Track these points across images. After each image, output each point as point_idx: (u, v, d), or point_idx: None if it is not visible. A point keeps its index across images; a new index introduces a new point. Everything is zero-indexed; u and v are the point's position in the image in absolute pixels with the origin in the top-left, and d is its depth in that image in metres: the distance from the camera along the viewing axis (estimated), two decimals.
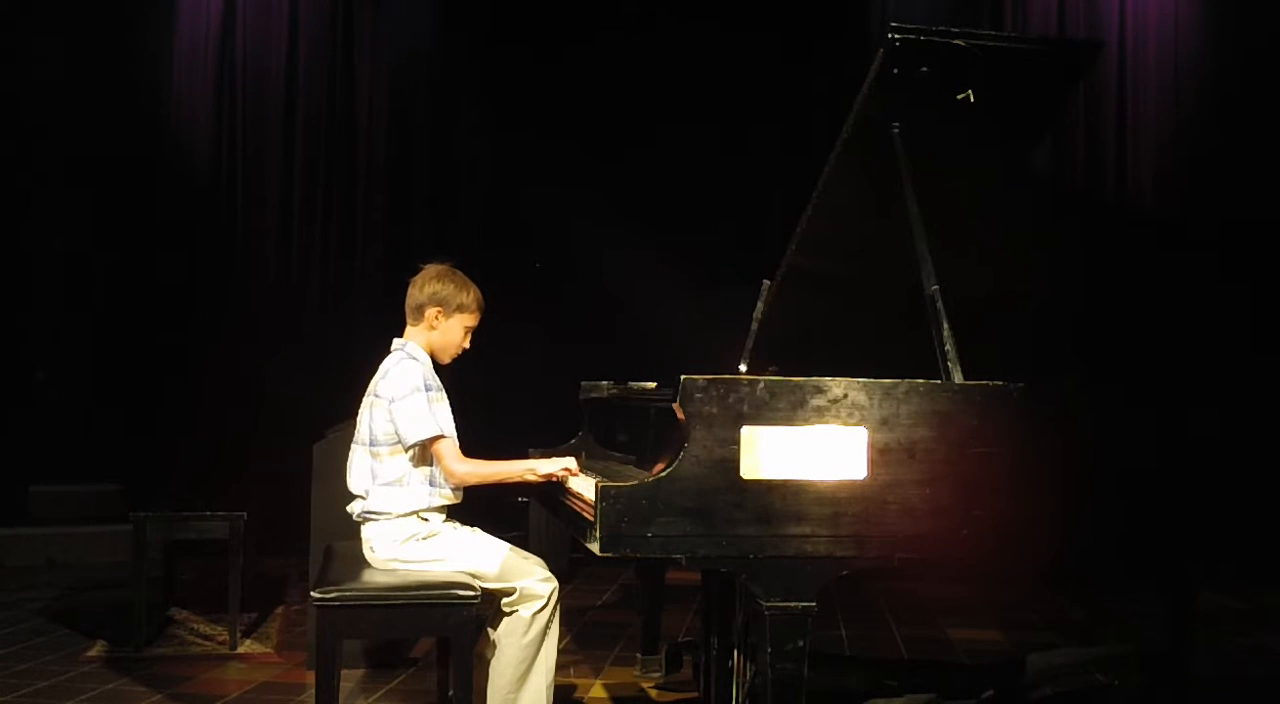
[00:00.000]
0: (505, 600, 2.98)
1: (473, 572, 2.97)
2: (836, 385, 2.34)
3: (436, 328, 3.13)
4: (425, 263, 3.19)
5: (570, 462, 3.02)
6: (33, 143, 6.90)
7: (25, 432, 6.77)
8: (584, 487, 2.83)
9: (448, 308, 3.12)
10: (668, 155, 6.98)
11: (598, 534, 2.26)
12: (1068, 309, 3.19)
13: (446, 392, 3.13)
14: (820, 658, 3.16)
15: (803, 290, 3.20)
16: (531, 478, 3.03)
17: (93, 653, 4.31)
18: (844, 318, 3.20)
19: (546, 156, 7.13)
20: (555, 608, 3.00)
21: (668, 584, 4.09)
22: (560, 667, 3.10)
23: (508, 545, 3.07)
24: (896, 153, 2.74)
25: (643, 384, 3.71)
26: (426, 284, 3.13)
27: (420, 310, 3.13)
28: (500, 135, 7.37)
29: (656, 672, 3.99)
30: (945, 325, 2.57)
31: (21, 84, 6.83)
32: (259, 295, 7.12)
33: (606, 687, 3.98)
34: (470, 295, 3.14)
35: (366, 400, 3.10)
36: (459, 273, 3.17)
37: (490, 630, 3.02)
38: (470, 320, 3.16)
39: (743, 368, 3.35)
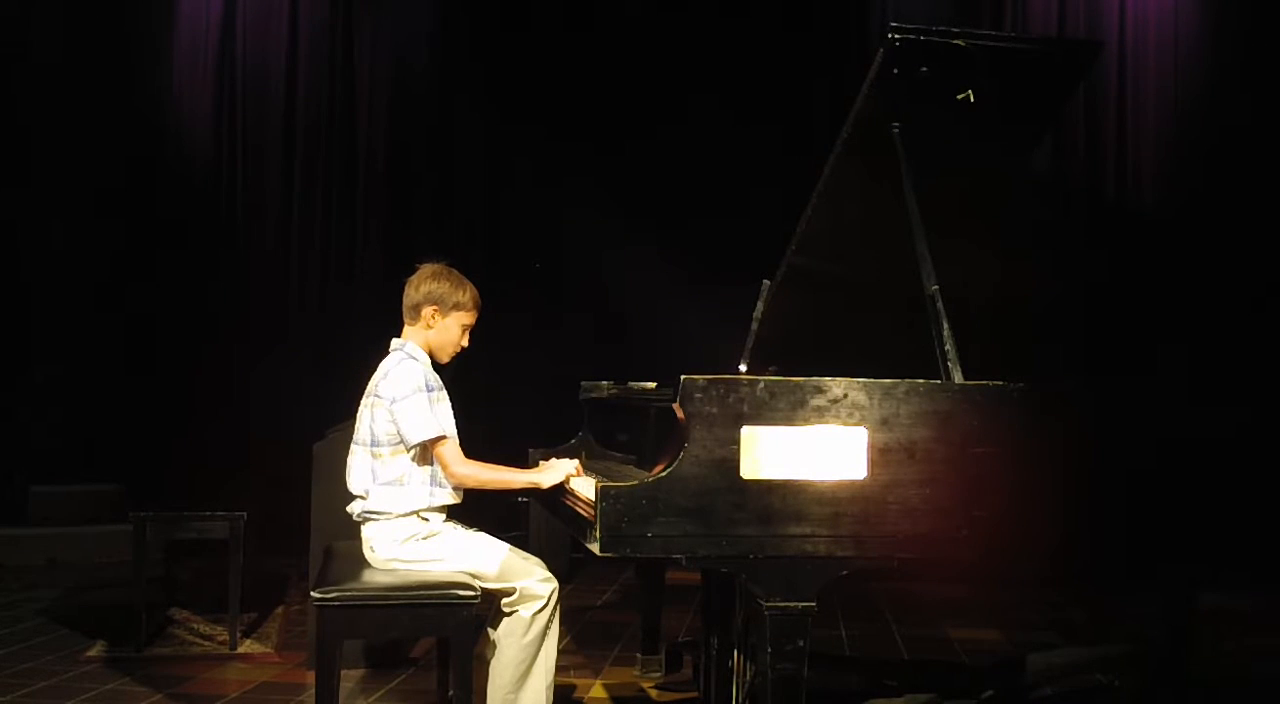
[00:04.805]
0: (505, 601, 2.98)
1: (473, 572, 2.97)
2: (836, 385, 2.34)
3: (434, 327, 3.13)
4: (421, 262, 3.20)
5: (571, 467, 3.02)
6: (32, 142, 6.90)
7: (25, 432, 6.78)
8: (584, 487, 2.83)
9: (444, 306, 3.12)
10: (667, 155, 6.97)
11: (598, 534, 2.26)
12: (1068, 308, 3.20)
13: (447, 391, 3.13)
14: (820, 658, 3.16)
15: (803, 290, 3.20)
16: (534, 488, 3.03)
17: (93, 653, 4.31)
18: (844, 318, 3.20)
19: (545, 157, 7.13)
20: (555, 608, 3.00)
21: (668, 584, 4.09)
22: (560, 667, 3.10)
23: (507, 546, 3.07)
24: (896, 152, 2.74)
25: (643, 384, 3.71)
26: (422, 283, 3.13)
27: (417, 310, 3.13)
28: (500, 135, 7.37)
29: (656, 672, 3.99)
30: (945, 325, 2.57)
31: (21, 83, 6.83)
32: (259, 295, 7.13)
33: (606, 687, 3.97)
34: (466, 293, 3.14)
35: (366, 400, 3.10)
36: (454, 271, 3.17)
37: (490, 630, 3.02)
38: (467, 318, 3.16)
39: (743, 368, 3.35)
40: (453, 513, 3.15)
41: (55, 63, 6.86)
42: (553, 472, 3.01)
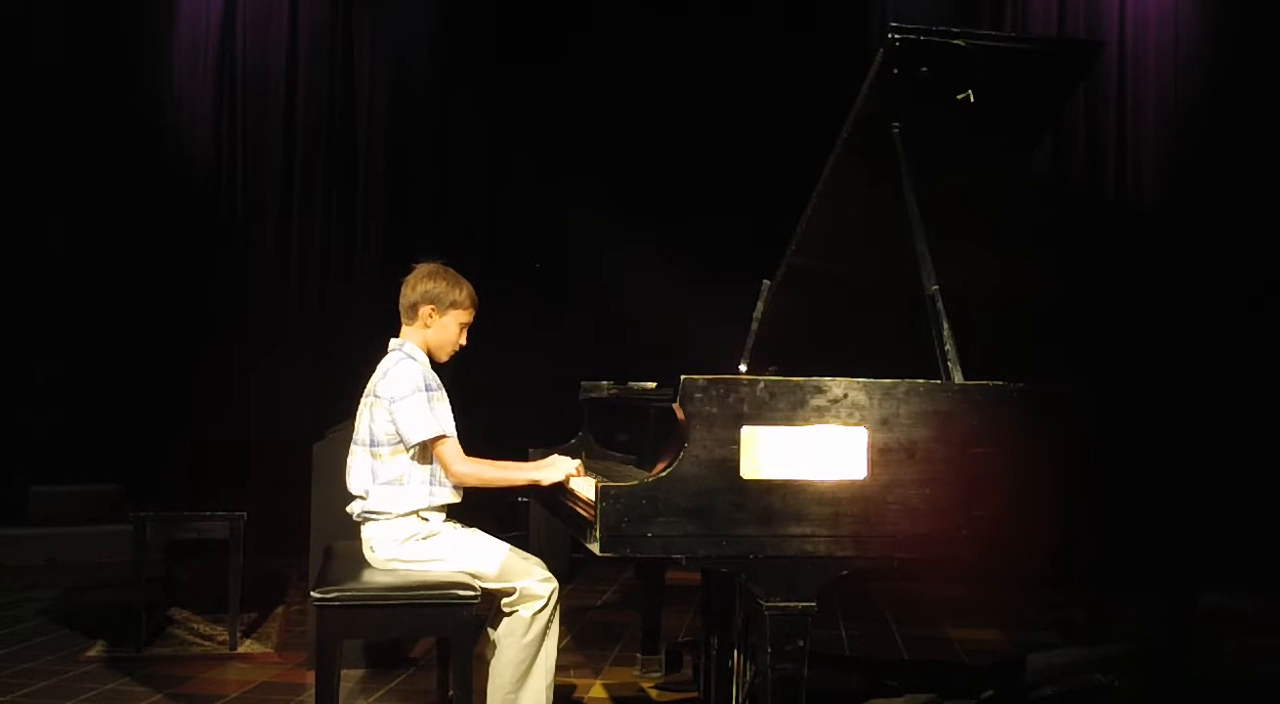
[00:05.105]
0: (505, 600, 2.98)
1: (473, 572, 2.97)
2: (836, 385, 2.34)
3: (431, 326, 3.13)
4: (417, 262, 3.20)
5: (573, 465, 3.03)
6: (32, 142, 6.91)
7: (25, 432, 6.77)
8: (584, 487, 2.83)
9: (441, 305, 3.12)
10: (668, 155, 6.97)
11: (598, 534, 2.26)
12: (1068, 308, 3.20)
13: (446, 391, 3.13)
14: (820, 658, 3.16)
15: (803, 290, 3.20)
16: (535, 485, 3.04)
17: (93, 653, 4.31)
18: (844, 318, 3.20)
19: (545, 156, 7.14)
20: (555, 608, 3.00)
21: (668, 584, 4.09)
22: (560, 667, 3.10)
23: (507, 545, 3.07)
24: (896, 152, 2.74)
25: (643, 384, 3.71)
26: (419, 283, 3.13)
27: (414, 309, 3.13)
28: (500, 135, 7.37)
29: (656, 672, 3.99)
30: (945, 325, 2.57)
31: (21, 83, 6.83)
32: (258, 295, 7.13)
33: (606, 687, 3.97)
34: (463, 292, 3.14)
35: (365, 401, 3.10)
36: (451, 270, 3.17)
37: (490, 630, 3.02)
38: (464, 317, 3.16)
39: (743, 368, 3.35)
40: (452, 512, 3.15)
41: (55, 63, 6.86)
42: (554, 469, 3.02)
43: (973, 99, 2.71)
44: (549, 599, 2.98)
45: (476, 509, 3.24)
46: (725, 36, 7.07)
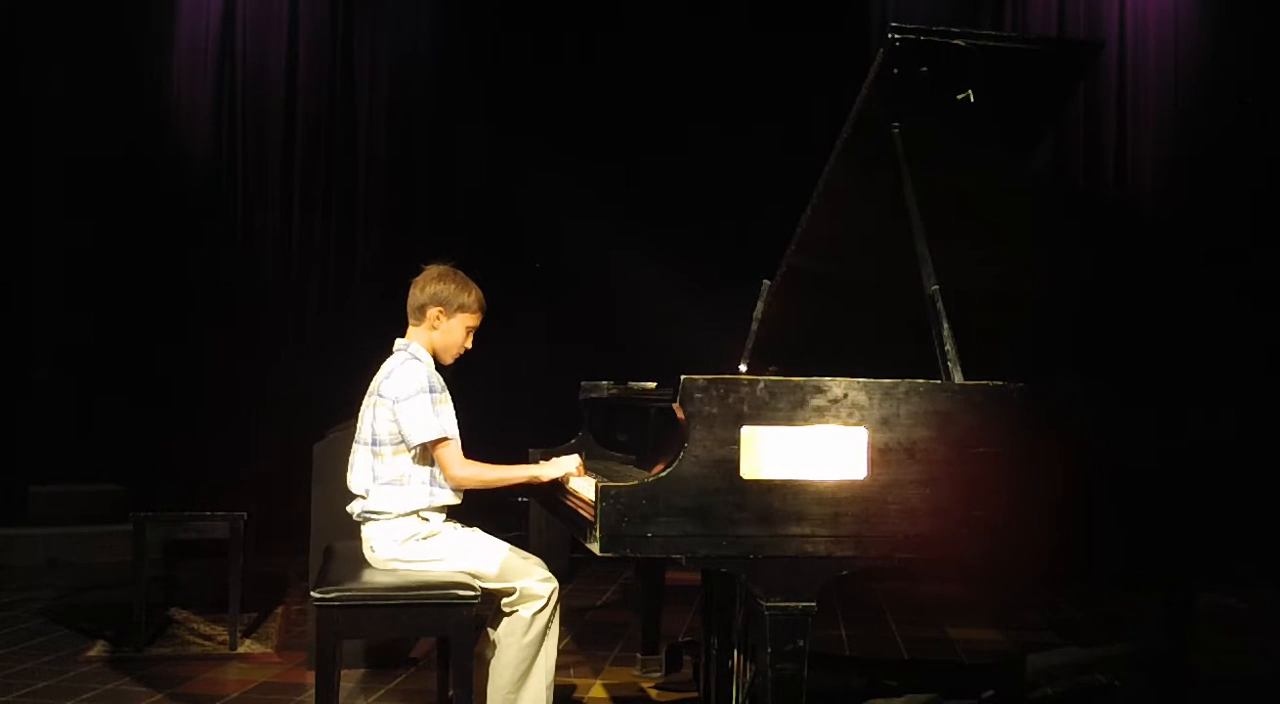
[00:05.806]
0: (505, 600, 2.98)
1: (473, 572, 2.97)
2: (836, 385, 2.34)
3: (438, 328, 3.14)
4: (426, 264, 3.20)
5: (573, 464, 3.03)
6: (33, 142, 6.91)
7: (25, 432, 6.78)
8: (584, 487, 2.83)
9: (449, 308, 3.12)
10: (667, 155, 6.98)
11: (598, 534, 2.26)
12: (1068, 309, 3.19)
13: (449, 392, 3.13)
14: (820, 658, 3.16)
15: (803, 290, 3.20)
16: (535, 483, 3.05)
17: (93, 653, 4.31)
18: (844, 318, 3.20)
19: (546, 156, 7.14)
20: (555, 608, 3.00)
21: (668, 584, 4.10)
22: (560, 667, 3.10)
23: (507, 545, 3.07)
24: (896, 152, 2.74)
25: (643, 384, 3.71)
26: (428, 285, 3.14)
27: (422, 311, 3.13)
28: (500, 135, 7.37)
29: (656, 672, 3.99)
30: (945, 325, 2.57)
31: (22, 84, 6.83)
32: (259, 295, 7.13)
33: (606, 687, 3.98)
34: (471, 295, 3.15)
35: (369, 400, 3.10)
36: (460, 273, 3.18)
37: (490, 630, 3.02)
38: (472, 320, 3.17)
39: (743, 368, 3.35)
40: (452, 513, 3.15)
41: (56, 63, 6.87)
42: (554, 466, 3.03)
43: (973, 99, 2.71)
44: (549, 599, 2.98)
45: (477, 509, 3.24)
46: (724, 37, 7.08)
